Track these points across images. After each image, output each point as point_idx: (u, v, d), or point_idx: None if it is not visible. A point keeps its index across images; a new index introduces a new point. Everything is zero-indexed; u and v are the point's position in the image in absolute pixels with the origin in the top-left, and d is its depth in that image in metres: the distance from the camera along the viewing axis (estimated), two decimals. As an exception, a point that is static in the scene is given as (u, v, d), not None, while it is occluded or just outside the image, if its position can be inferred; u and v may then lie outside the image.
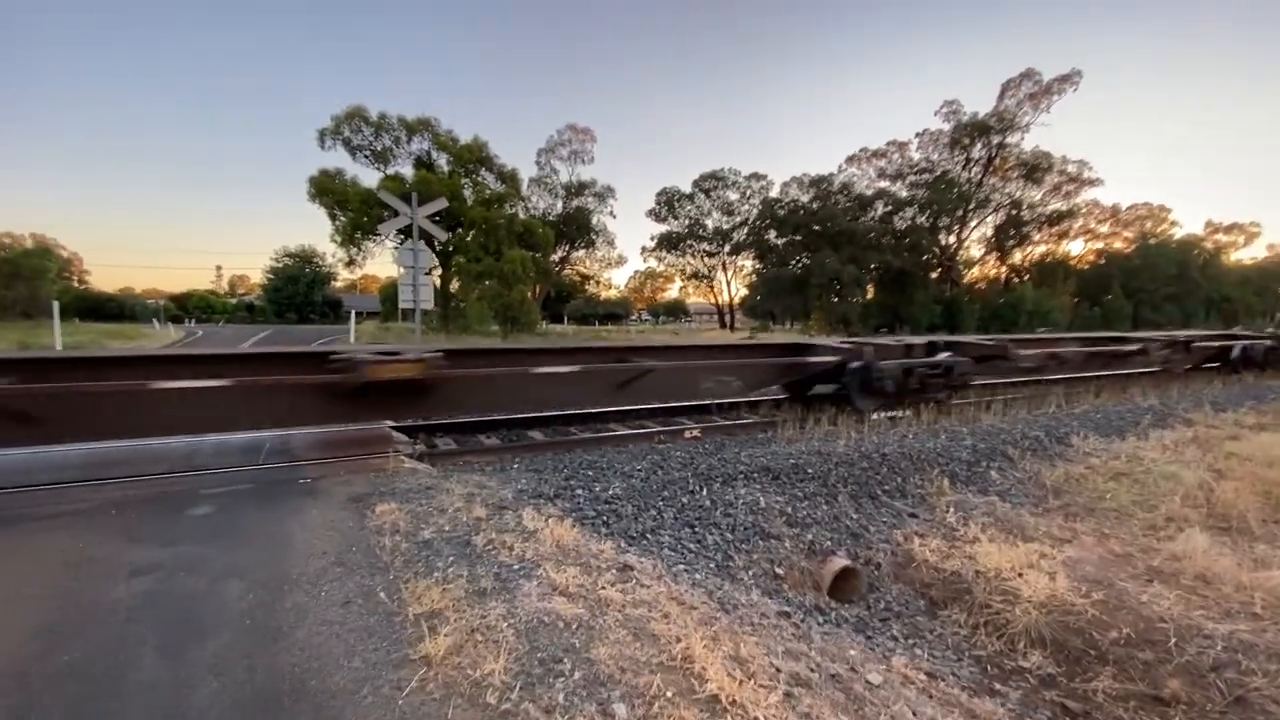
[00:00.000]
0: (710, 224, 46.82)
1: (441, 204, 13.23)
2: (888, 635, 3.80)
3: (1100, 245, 55.85)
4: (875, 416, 7.69)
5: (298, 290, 60.96)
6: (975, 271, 50.85)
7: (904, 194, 43.89)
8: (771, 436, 6.40)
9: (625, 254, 70.11)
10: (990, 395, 9.48)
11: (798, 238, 41.17)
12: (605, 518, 3.74)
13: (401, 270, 12.39)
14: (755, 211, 44.89)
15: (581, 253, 44.05)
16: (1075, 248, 53.57)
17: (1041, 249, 51.40)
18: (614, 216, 45.33)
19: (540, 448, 5.57)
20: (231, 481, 4.06)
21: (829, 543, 4.43)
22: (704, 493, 4.50)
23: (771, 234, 43.40)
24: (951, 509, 5.08)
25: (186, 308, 63.65)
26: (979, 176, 45.84)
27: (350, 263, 30.63)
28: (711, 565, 3.59)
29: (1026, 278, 49.56)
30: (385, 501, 3.57)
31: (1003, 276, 51.33)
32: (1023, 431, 6.98)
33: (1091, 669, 3.44)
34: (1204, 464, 6.35)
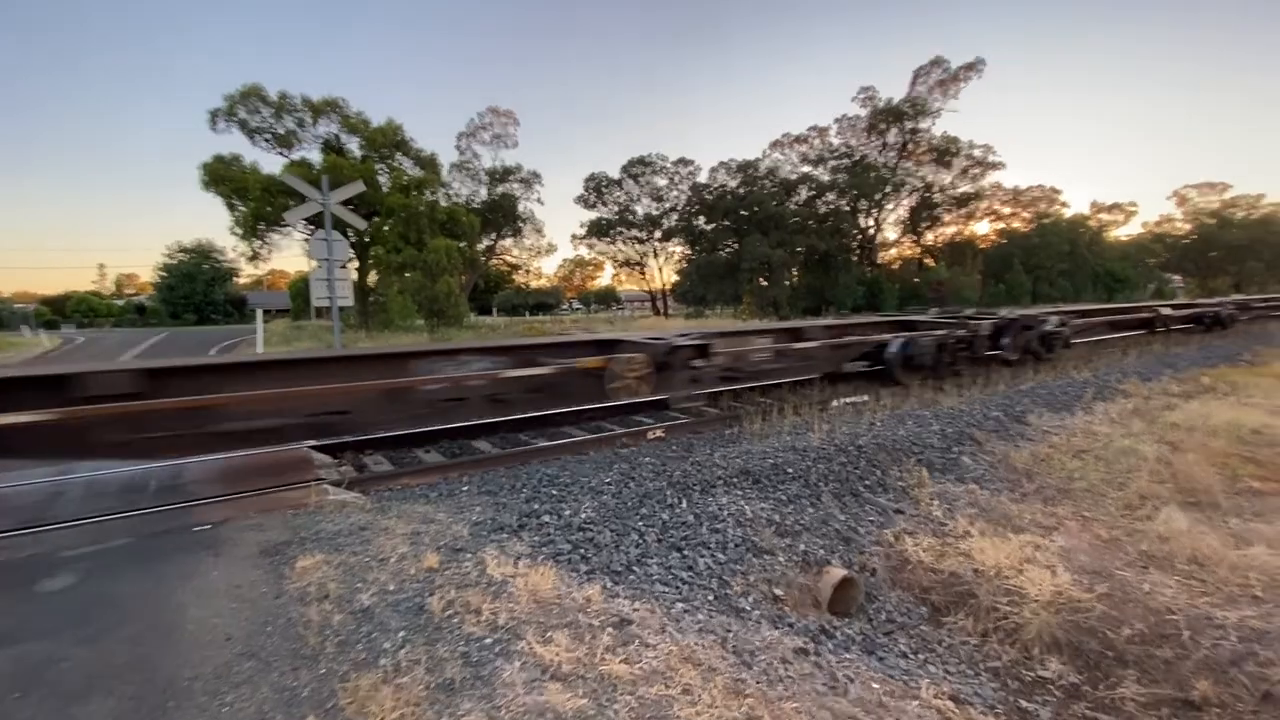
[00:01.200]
0: (640, 210, 46.40)
1: (358, 188, 12.04)
2: (897, 653, 3.45)
3: (1002, 225, 59.44)
4: (835, 404, 7.47)
5: (195, 289, 55.89)
6: (893, 252, 53.05)
7: (826, 178, 45.01)
8: (739, 432, 6.00)
9: (555, 242, 68.56)
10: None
11: (727, 223, 41.42)
12: (582, 549, 3.17)
13: (314, 263, 11.17)
14: (684, 198, 44.82)
15: (509, 241, 42.60)
16: (981, 228, 56.76)
17: (951, 230, 54.21)
18: (542, 203, 44.08)
19: (491, 462, 4.91)
20: (105, 536, 3.20)
21: (821, 551, 4.05)
22: (684, 505, 4.02)
23: (701, 220, 43.50)
24: (935, 501, 4.84)
25: (64, 311, 57.05)
26: (894, 161, 47.63)
27: (254, 257, 28.12)
28: (710, 597, 3.10)
29: (939, 258, 52.13)
30: (309, 552, 2.86)
31: (917, 257, 53.79)
32: (982, 412, 6.93)
33: (1114, 673, 3.22)
34: (1153, 436, 6.47)
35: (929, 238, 54.01)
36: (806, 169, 46.29)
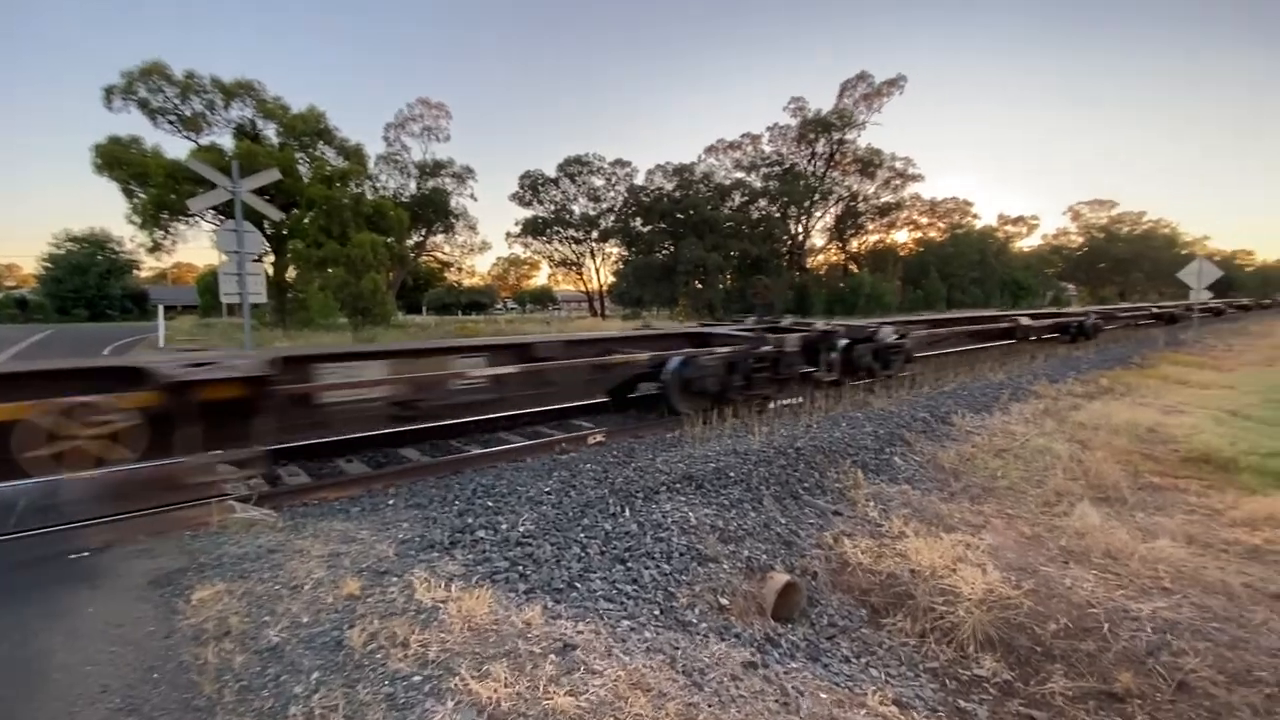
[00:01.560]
0: (577, 210, 45.99)
1: (272, 175, 11.20)
2: (840, 658, 3.44)
3: (920, 235, 62.76)
4: (773, 406, 7.54)
5: (87, 282, 50.89)
6: (820, 258, 54.97)
7: (759, 185, 46.11)
8: (680, 435, 5.92)
9: (489, 239, 67.07)
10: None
11: (663, 225, 41.70)
12: (521, 566, 2.97)
13: (224, 256, 10.30)
14: (622, 199, 44.78)
15: (440, 237, 41.20)
16: (901, 237, 59.73)
17: (874, 238, 56.81)
18: (475, 199, 42.86)
19: (420, 471, 4.60)
20: (-48, 568, 2.74)
21: (764, 556, 4.01)
22: (627, 514, 3.88)
23: (638, 221, 43.59)
24: (871, 502, 4.92)
25: (-76, 305, 50.70)
26: (822, 170, 49.36)
27: (155, 248, 25.86)
28: (656, 611, 2.98)
29: (863, 265, 54.50)
30: (208, 581, 2.54)
31: (843, 263, 56.00)
32: (910, 414, 7.16)
33: (1043, 669, 3.33)
34: (1064, 435, 6.89)
35: (854, 245, 56.35)
36: (740, 175, 47.29)
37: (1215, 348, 18.47)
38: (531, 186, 44.62)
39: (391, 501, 3.87)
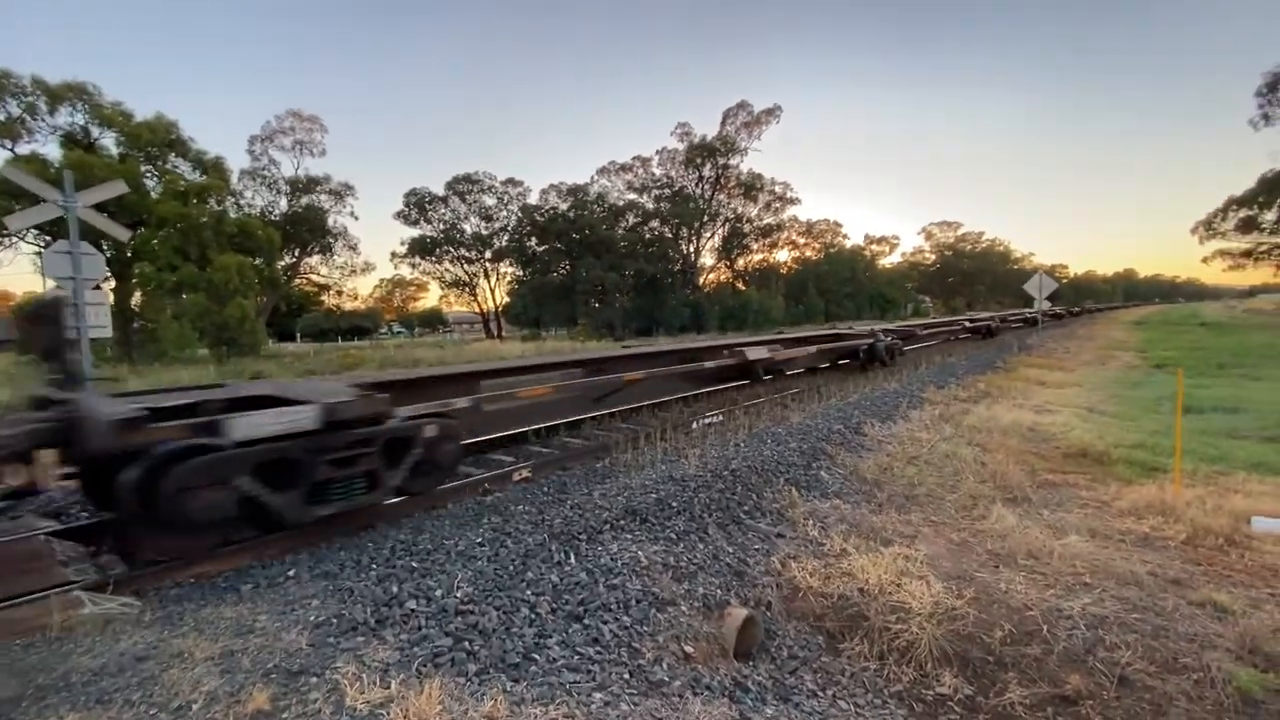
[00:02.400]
0: (469, 229, 44.50)
1: (117, 188, 9.65)
2: (806, 693, 3.30)
3: (798, 254, 66.88)
4: (695, 425, 7.45)
5: None
6: (711, 277, 57.00)
7: (651, 206, 47.14)
8: (610, 464, 5.63)
9: (372, 260, 63.05)
10: (784, 387, 10.10)
11: (559, 245, 41.36)
12: (467, 641, 2.54)
13: (52, 283, 8.70)
14: (515, 218, 43.96)
15: (316, 258, 38.15)
16: (782, 256, 63.38)
17: (759, 257, 59.86)
18: (355, 218, 40.32)
19: (322, 530, 3.95)
20: None
21: (719, 591, 3.82)
22: (573, 561, 3.53)
23: (533, 241, 42.93)
24: (809, 521, 4.90)
25: None
26: (709, 193, 51.41)
27: (-47, 274, 21.73)
28: (625, 674, 2.66)
29: (750, 283, 57.18)
30: (52, 714, 1.91)
31: (731, 281, 58.43)
32: (827, 426, 7.34)
33: (998, 679, 3.36)
34: (963, 439, 7.34)
35: (740, 264, 59.04)
36: (632, 196, 48.12)
37: (1055, 350, 20.98)
38: (418, 205, 42.68)
39: (292, 572, 3.25)
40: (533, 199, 44.25)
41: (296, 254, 36.18)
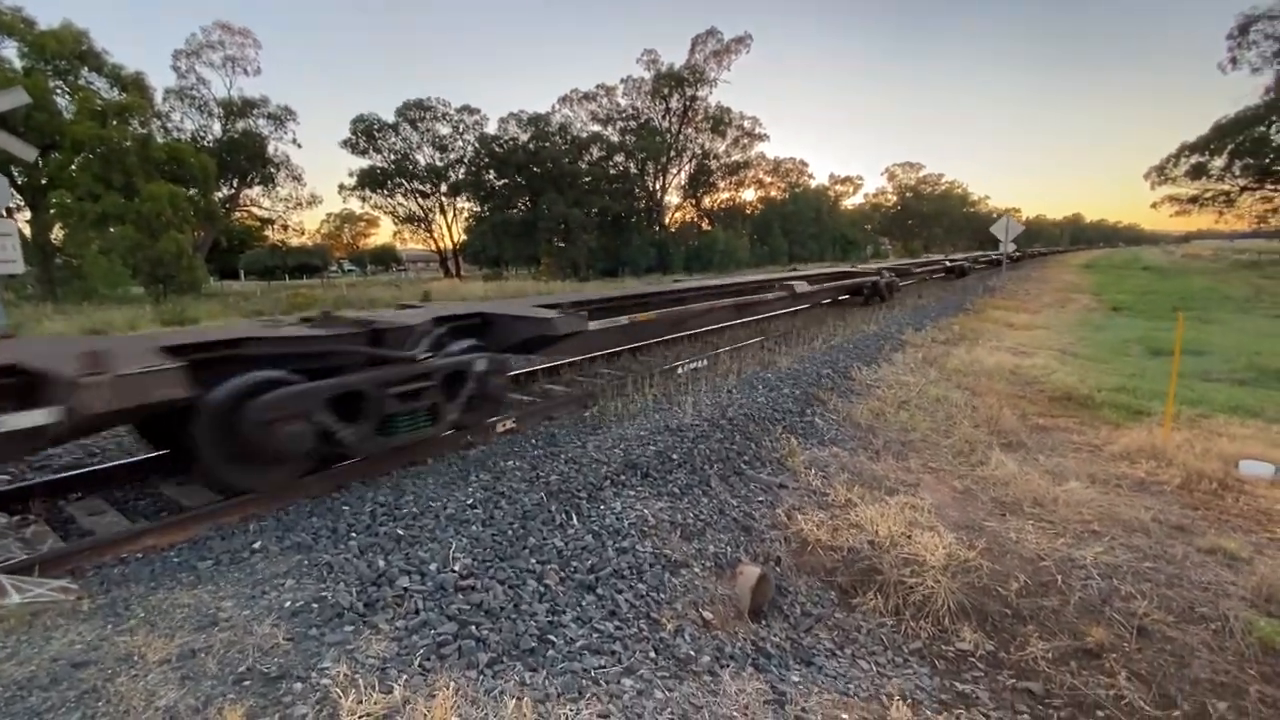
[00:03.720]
0: (422, 160, 41.97)
1: (20, 98, 8.34)
2: (825, 652, 3.14)
3: (764, 193, 66.03)
4: (680, 371, 7.15)
5: None
6: (677, 216, 55.88)
7: (615, 139, 45.25)
8: (599, 413, 5.29)
9: (319, 192, 59.46)
10: (765, 330, 9.87)
11: (520, 179, 39.50)
12: (474, 625, 2.22)
13: (-56, 210, 7.57)
14: (472, 149, 41.59)
15: (257, 189, 35.55)
16: (749, 195, 62.44)
17: (726, 195, 58.80)
18: (298, 145, 37.41)
19: (288, 493, 3.52)
20: None
21: (728, 548, 3.60)
22: (576, 522, 3.23)
23: (492, 174, 40.87)
24: (811, 470, 4.71)
25: None
26: (677, 127, 49.62)
27: None
28: (650, 650, 2.40)
29: (716, 222, 56.31)
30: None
31: (697, 220, 57.45)
32: (815, 370, 7.15)
33: (1018, 633, 3.27)
34: (950, 383, 7.27)
35: (707, 202, 57.94)
36: (596, 128, 46.03)
37: (1017, 293, 21.35)
38: (366, 132, 39.85)
39: (258, 544, 2.84)
40: (491, 128, 41.84)
41: (235, 184, 33.59)
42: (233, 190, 33.69)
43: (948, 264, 25.45)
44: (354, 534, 2.92)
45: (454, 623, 2.20)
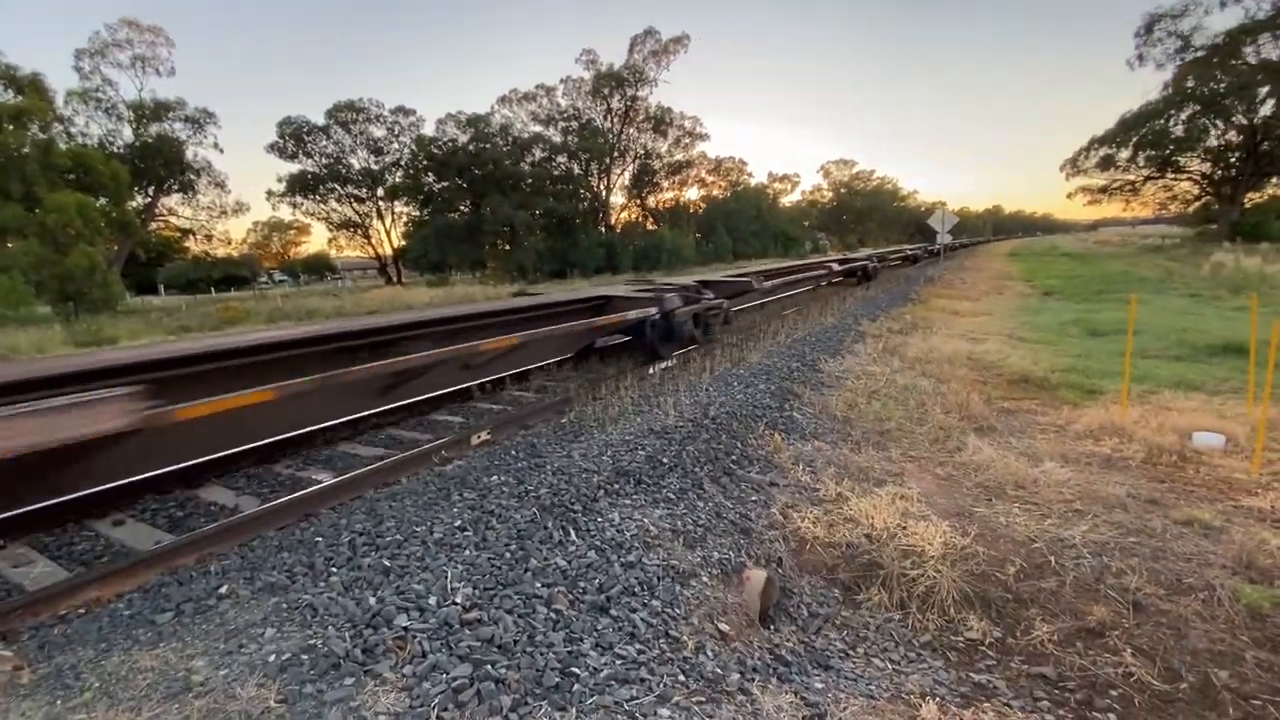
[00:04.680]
0: (356, 164, 40.36)
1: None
2: (838, 653, 3.07)
3: (706, 192, 66.77)
4: (651, 371, 7.02)
5: None
6: (622, 216, 55.83)
7: (558, 139, 44.79)
8: (577, 418, 5.09)
9: (245, 199, 56.25)
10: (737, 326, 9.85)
11: (461, 182, 38.53)
12: (489, 665, 2.00)
13: None
14: (409, 152, 40.29)
15: (176, 198, 33.34)
16: (692, 194, 63.01)
17: (670, 195, 59.19)
18: (220, 150, 35.22)
19: (248, 527, 3.18)
20: None
21: (730, 552, 3.48)
22: (575, 538, 3.04)
23: (431, 177, 39.70)
24: (799, 466, 4.66)
25: None
26: (619, 127, 49.56)
27: None
28: (678, 675, 2.25)
29: (661, 221, 56.57)
30: None
31: (642, 220, 57.57)
32: (785, 365, 7.15)
33: (1023, 617, 3.28)
34: (915, 371, 7.40)
35: (652, 202, 58.15)
36: (538, 129, 45.46)
37: (955, 282, 22.25)
38: (294, 136, 38.01)
39: (223, 588, 2.52)
40: (428, 130, 40.66)
41: (151, 193, 31.37)
42: (149, 199, 31.45)
43: (909, 252, 27.40)
44: (334, 569, 2.64)
45: (467, 663, 1.98)
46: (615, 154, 48.66)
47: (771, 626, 3.21)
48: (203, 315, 19.78)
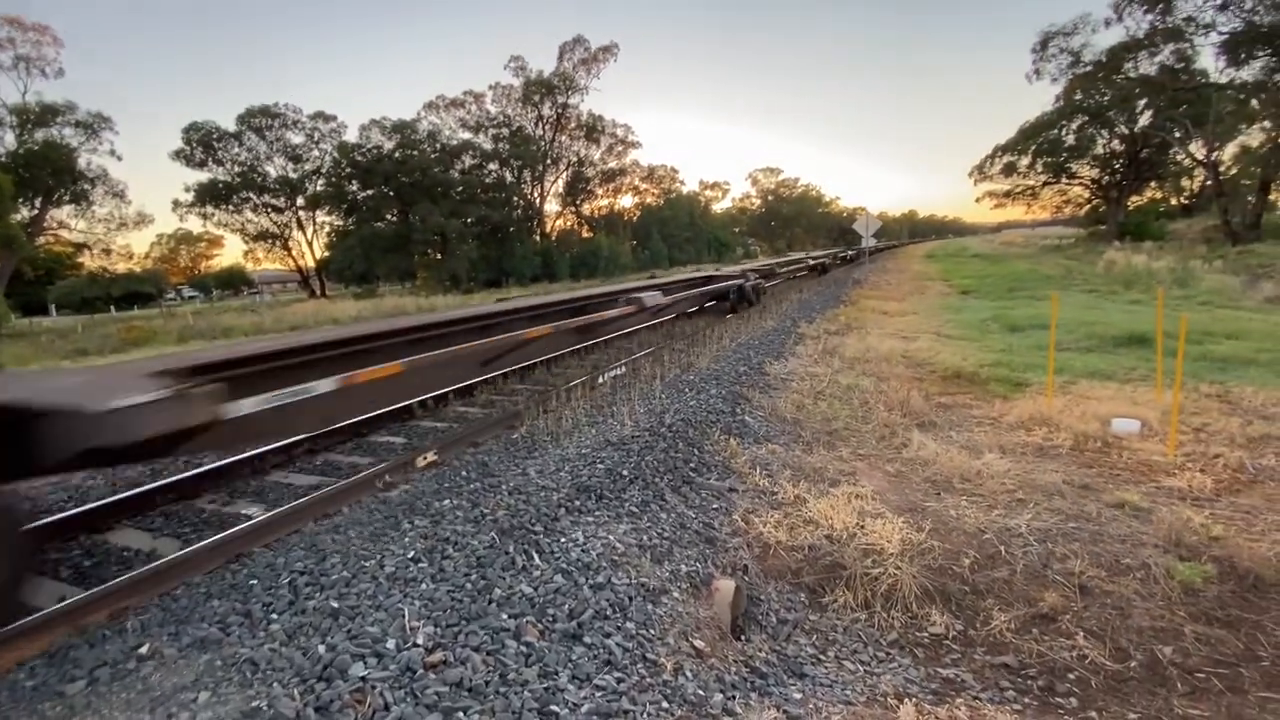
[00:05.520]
0: (273, 172, 38.23)
1: None
2: (809, 659, 3.07)
3: (639, 200, 67.29)
4: (602, 379, 6.90)
5: None
6: (558, 224, 55.43)
7: (489, 146, 44.00)
8: (530, 433, 4.91)
9: (149, 210, 52.19)
10: (679, 333, 9.85)
11: (388, 190, 37.16)
12: (461, 713, 1.83)
13: None
14: (330, 159, 38.53)
15: (67, 209, 30.52)
16: (627, 201, 63.36)
17: (604, 202, 59.31)
18: (118, 158, 32.49)
19: (172, 573, 2.84)
20: None
21: (697, 564, 3.42)
22: (539, 562, 2.89)
23: (355, 185, 38.09)
24: (755, 470, 4.67)
25: None
26: (551, 135, 49.23)
27: None
28: (659, 697, 2.16)
29: (596, 229, 56.52)
30: None
31: (577, 227, 57.35)
32: (733, 369, 7.20)
33: (980, 608, 3.37)
34: (854, 371, 7.61)
35: (586, 209, 58.05)
36: (467, 135, 44.52)
37: (880, 284, 23.26)
38: (203, 142, 35.64)
39: (144, 648, 2.22)
40: (350, 136, 39.04)
41: (38, 204, 28.58)
42: (35, 211, 28.64)
43: (847, 255, 29.72)
44: (274, 614, 2.39)
45: (436, 712, 1.81)
46: (548, 161, 48.30)
47: (743, 637, 3.17)
48: (102, 337, 18.11)
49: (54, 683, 2.05)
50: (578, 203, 54.75)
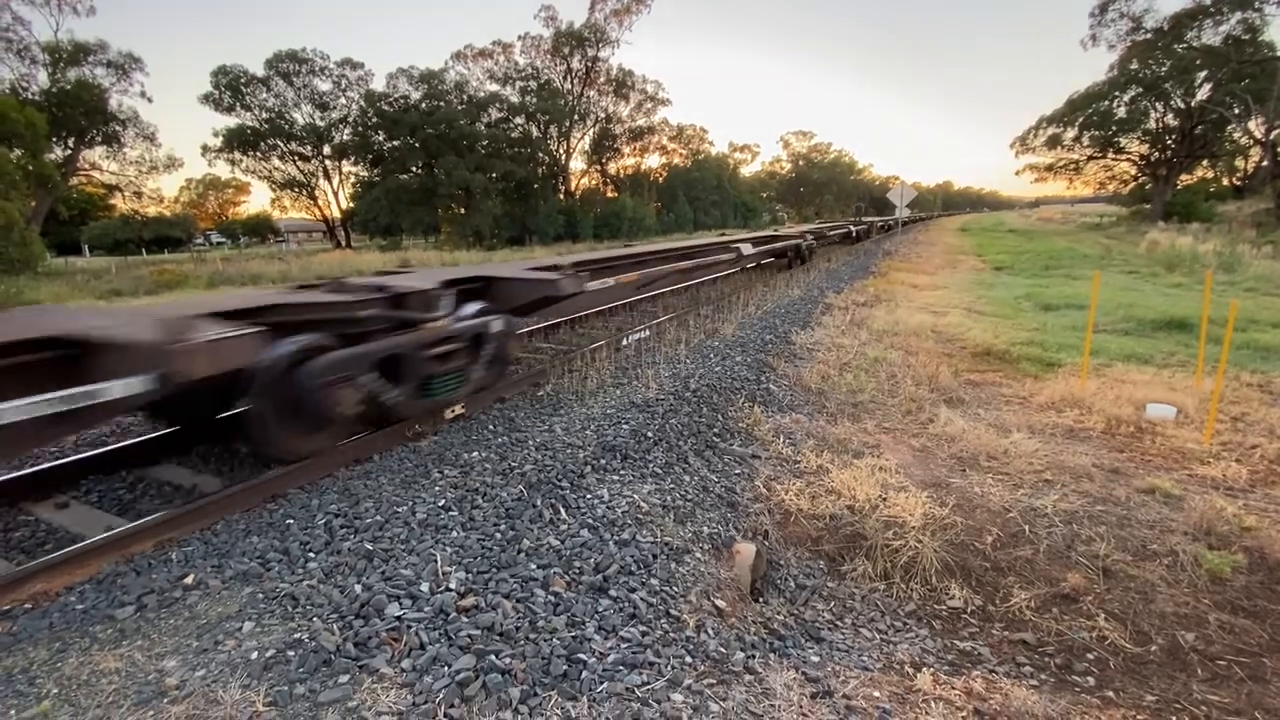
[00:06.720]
0: (300, 119, 38.07)
1: None
2: (826, 624, 3.10)
3: (667, 160, 66.03)
4: (625, 341, 6.89)
5: None
6: (583, 182, 54.74)
7: (516, 99, 43.24)
8: (555, 391, 4.95)
9: (178, 154, 52.53)
10: (703, 299, 9.78)
11: (414, 142, 36.84)
12: (493, 655, 1.89)
13: None
14: (357, 108, 38.22)
15: (99, 150, 30.80)
16: (653, 161, 62.17)
17: (631, 161, 58.25)
18: (149, 100, 32.62)
19: (214, 511, 2.94)
20: None
21: (718, 526, 3.46)
22: (566, 516, 2.94)
23: (381, 135, 37.82)
24: (780, 439, 4.67)
25: None
26: (579, 89, 48.19)
27: None
28: (685, 655, 2.20)
29: (621, 189, 55.72)
30: None
31: (602, 187, 56.56)
32: (759, 337, 7.14)
33: (1001, 585, 3.38)
34: (882, 344, 7.50)
35: (612, 168, 57.10)
36: (494, 87, 43.76)
37: (911, 256, 22.73)
38: (231, 87, 35.48)
39: (189, 578, 2.32)
40: (378, 85, 38.58)
41: (71, 145, 28.89)
42: (69, 151, 28.98)
43: (891, 223, 29.80)
44: (312, 554, 2.47)
45: (469, 654, 1.87)
46: (575, 117, 47.39)
47: (762, 600, 3.22)
48: (135, 279, 18.48)
49: (104, 607, 2.15)
50: (603, 161, 53.84)
